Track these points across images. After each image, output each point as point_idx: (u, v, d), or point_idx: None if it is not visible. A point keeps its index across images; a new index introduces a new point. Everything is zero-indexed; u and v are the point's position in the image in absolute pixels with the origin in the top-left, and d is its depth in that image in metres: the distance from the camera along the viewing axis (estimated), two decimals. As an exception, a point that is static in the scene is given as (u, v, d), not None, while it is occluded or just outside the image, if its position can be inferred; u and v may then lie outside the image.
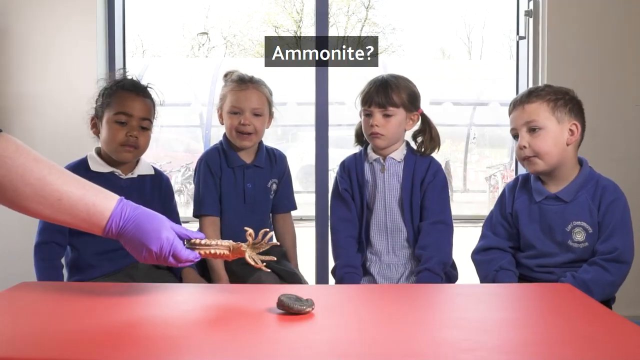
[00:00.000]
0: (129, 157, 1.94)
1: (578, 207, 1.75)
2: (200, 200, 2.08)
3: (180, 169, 9.91)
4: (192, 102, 9.57)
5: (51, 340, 1.00)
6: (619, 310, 1.23)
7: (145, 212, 1.23)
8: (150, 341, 1.03)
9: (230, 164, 2.09)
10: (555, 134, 1.76)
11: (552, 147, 1.76)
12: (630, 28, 2.85)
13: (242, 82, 2.08)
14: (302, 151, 10.16)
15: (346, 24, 18.01)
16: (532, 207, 1.81)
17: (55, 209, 1.16)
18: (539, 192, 1.80)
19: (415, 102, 2.01)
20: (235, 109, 2.06)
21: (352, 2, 17.93)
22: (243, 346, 1.01)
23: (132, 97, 1.94)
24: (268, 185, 2.16)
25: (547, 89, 1.82)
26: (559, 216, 1.76)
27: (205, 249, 1.26)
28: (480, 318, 1.17)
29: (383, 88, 1.96)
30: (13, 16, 2.81)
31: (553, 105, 1.77)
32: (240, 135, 2.06)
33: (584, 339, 1.02)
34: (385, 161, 2.01)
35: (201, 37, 18.13)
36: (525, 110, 1.78)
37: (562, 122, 1.77)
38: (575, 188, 1.77)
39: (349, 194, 2.04)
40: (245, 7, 18.68)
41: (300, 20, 17.93)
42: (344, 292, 1.47)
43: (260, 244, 1.29)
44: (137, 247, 1.21)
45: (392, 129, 1.96)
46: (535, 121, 1.76)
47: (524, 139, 1.77)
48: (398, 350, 0.97)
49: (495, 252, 1.85)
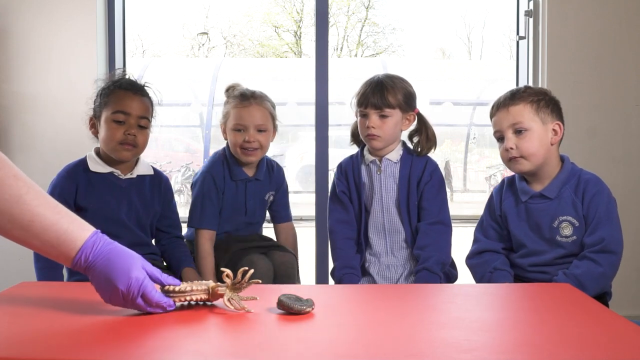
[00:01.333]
0: (127, 156, 1.94)
1: (563, 202, 1.78)
2: (200, 213, 2.08)
3: (180, 168, 9.91)
4: (192, 102, 9.56)
5: (51, 340, 1.00)
6: (619, 310, 1.22)
7: (118, 248, 1.16)
8: (150, 341, 1.03)
9: (233, 177, 2.11)
10: (540, 134, 1.79)
11: (538, 148, 1.78)
12: (630, 28, 2.85)
13: (245, 99, 2.08)
14: (302, 151, 10.16)
15: (346, 24, 18.01)
16: (519, 207, 1.84)
17: (25, 231, 1.09)
18: (524, 192, 1.83)
19: (411, 102, 2.00)
20: (239, 126, 2.07)
21: (352, 2, 17.92)
22: (243, 346, 1.01)
23: (130, 96, 1.93)
24: (266, 197, 2.19)
25: (528, 90, 1.85)
26: (546, 213, 1.79)
27: (181, 296, 1.17)
28: (479, 318, 1.16)
29: (379, 89, 1.95)
30: (13, 16, 2.81)
31: (536, 107, 1.80)
32: (245, 151, 2.07)
33: (583, 339, 1.02)
34: (382, 162, 2.00)
35: (201, 37, 18.13)
36: (510, 112, 1.80)
37: (545, 122, 1.80)
38: (558, 185, 1.79)
39: (347, 196, 2.04)
40: (245, 7, 18.68)
41: (300, 20, 17.93)
42: (344, 292, 1.47)
43: (241, 283, 1.18)
44: (104, 285, 1.12)
45: (388, 130, 1.96)
46: (521, 123, 1.78)
47: (510, 140, 1.79)
48: (398, 350, 0.97)
49: (488, 255, 1.87)
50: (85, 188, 1.92)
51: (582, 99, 2.85)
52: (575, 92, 2.83)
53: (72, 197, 1.90)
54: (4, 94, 2.82)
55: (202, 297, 1.19)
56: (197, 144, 10.43)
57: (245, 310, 1.16)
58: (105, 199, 1.92)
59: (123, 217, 1.94)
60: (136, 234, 1.97)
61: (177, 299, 1.17)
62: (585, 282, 1.68)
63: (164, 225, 2.07)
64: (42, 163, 2.75)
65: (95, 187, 1.93)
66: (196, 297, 1.18)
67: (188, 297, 1.17)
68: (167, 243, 2.07)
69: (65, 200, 1.88)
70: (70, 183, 1.91)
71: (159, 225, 2.07)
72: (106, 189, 1.93)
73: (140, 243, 1.98)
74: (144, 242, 2.00)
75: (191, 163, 9.94)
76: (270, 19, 18.25)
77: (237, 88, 2.14)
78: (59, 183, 1.92)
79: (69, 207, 1.86)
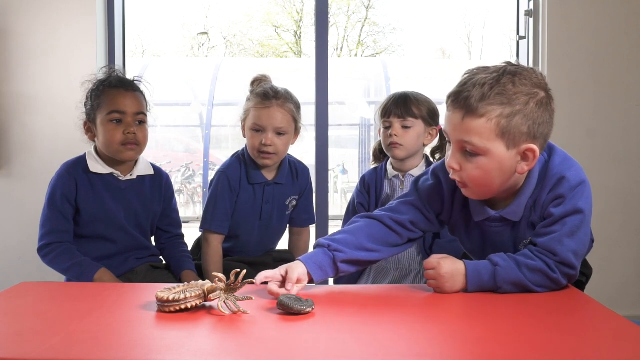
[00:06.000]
0: (132, 156, 1.90)
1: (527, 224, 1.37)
2: (211, 216, 2.01)
3: (180, 168, 9.89)
4: (192, 102, 9.55)
5: (51, 340, 1.00)
6: (619, 310, 1.22)
7: None
8: (150, 341, 1.03)
9: (250, 180, 2.02)
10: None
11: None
12: (630, 28, 2.85)
13: (266, 99, 1.96)
14: (302, 151, 10.15)
15: (346, 24, 18.01)
16: (470, 225, 1.44)
17: None
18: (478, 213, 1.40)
19: (435, 117, 2.02)
20: (257, 126, 1.96)
21: (352, 2, 17.92)
22: (243, 346, 1.01)
23: (122, 93, 1.89)
24: (286, 202, 2.09)
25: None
26: (508, 237, 1.40)
27: (176, 305, 1.15)
28: (479, 318, 1.16)
29: (402, 100, 1.99)
30: (13, 16, 2.81)
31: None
32: (261, 154, 1.97)
33: (584, 339, 1.02)
34: (405, 177, 2.01)
35: (201, 37, 18.12)
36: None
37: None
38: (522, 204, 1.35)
39: (364, 209, 2.05)
40: (245, 7, 18.66)
41: (300, 20, 17.92)
42: (344, 292, 1.47)
43: (235, 284, 1.18)
44: None
45: (410, 140, 1.97)
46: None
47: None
48: (397, 350, 0.97)
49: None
50: (84, 188, 1.88)
51: (582, 99, 2.85)
52: (575, 92, 2.84)
53: (73, 196, 1.87)
54: (4, 94, 2.82)
55: (196, 304, 1.18)
56: (197, 144, 10.42)
57: (242, 312, 1.16)
58: (104, 201, 1.89)
59: (122, 221, 1.91)
60: (134, 238, 1.95)
61: (172, 307, 1.16)
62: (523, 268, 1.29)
63: (164, 224, 2.05)
64: (42, 163, 2.75)
65: (94, 188, 1.89)
66: (190, 304, 1.17)
67: (182, 306, 1.16)
68: (167, 242, 2.05)
69: (67, 200, 1.87)
70: (71, 181, 1.88)
71: (159, 224, 2.05)
72: (105, 191, 1.90)
73: (139, 246, 1.96)
74: (142, 245, 1.98)
75: (191, 163, 9.92)
76: (270, 19, 18.23)
77: (262, 84, 2.02)
78: (59, 182, 1.88)
79: (71, 206, 1.87)
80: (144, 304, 1.22)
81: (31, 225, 2.64)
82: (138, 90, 1.93)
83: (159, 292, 1.17)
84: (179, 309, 1.16)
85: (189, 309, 1.17)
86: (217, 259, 1.99)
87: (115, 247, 1.92)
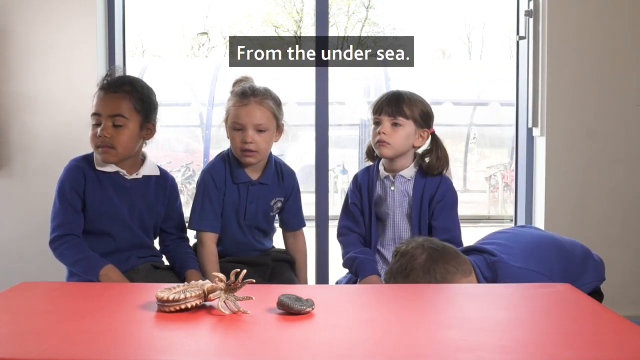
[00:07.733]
0: (107, 158, 1.89)
1: None
2: (200, 215, 2.00)
3: (180, 168, 9.89)
4: (192, 102, 9.55)
5: (51, 340, 1.00)
6: (619, 310, 1.22)
7: None
8: (150, 341, 1.03)
9: (235, 179, 2.02)
10: None
11: None
12: (630, 28, 2.84)
13: (244, 97, 1.97)
14: (302, 151, 10.15)
15: (346, 24, 17.99)
16: None
17: None
18: None
19: (427, 120, 2.01)
20: (237, 125, 1.97)
21: (352, 2, 17.91)
22: (243, 346, 1.01)
23: (102, 95, 1.89)
24: (271, 203, 2.09)
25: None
26: None
27: (175, 304, 1.16)
28: (480, 318, 1.16)
29: (395, 99, 1.98)
30: (13, 16, 2.81)
31: None
32: (244, 152, 1.97)
33: (583, 339, 1.02)
34: (395, 179, 2.01)
35: (201, 37, 18.12)
36: None
37: None
38: None
39: (358, 209, 2.05)
40: (245, 7, 18.66)
41: (300, 20, 17.91)
42: (343, 292, 1.47)
43: (235, 284, 1.18)
44: None
45: (398, 140, 1.96)
46: None
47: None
48: (398, 351, 0.97)
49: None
50: (91, 183, 1.90)
51: (582, 99, 2.84)
52: (575, 92, 2.83)
53: (81, 190, 1.89)
54: (4, 94, 2.82)
55: (196, 303, 1.18)
56: (197, 144, 10.42)
57: (242, 312, 1.16)
58: (110, 198, 1.91)
59: (126, 218, 1.93)
60: (137, 236, 1.96)
61: (172, 307, 1.16)
62: None
63: (168, 226, 2.05)
64: (42, 163, 2.74)
65: (101, 184, 1.91)
66: (190, 304, 1.17)
67: (182, 306, 1.16)
68: (171, 244, 2.05)
69: (76, 192, 1.89)
70: (79, 175, 1.90)
71: (163, 226, 2.05)
72: (111, 189, 1.92)
73: (141, 245, 1.97)
74: (144, 244, 1.99)
75: (191, 163, 9.92)
76: (270, 19, 18.23)
77: (242, 83, 2.03)
78: (68, 176, 1.90)
79: (80, 199, 1.88)
80: (144, 304, 1.22)
81: (31, 225, 2.65)
82: (125, 91, 1.89)
83: (159, 292, 1.17)
84: (179, 309, 1.16)
85: (189, 308, 1.17)
86: (213, 258, 1.99)
87: (118, 243, 1.93)
